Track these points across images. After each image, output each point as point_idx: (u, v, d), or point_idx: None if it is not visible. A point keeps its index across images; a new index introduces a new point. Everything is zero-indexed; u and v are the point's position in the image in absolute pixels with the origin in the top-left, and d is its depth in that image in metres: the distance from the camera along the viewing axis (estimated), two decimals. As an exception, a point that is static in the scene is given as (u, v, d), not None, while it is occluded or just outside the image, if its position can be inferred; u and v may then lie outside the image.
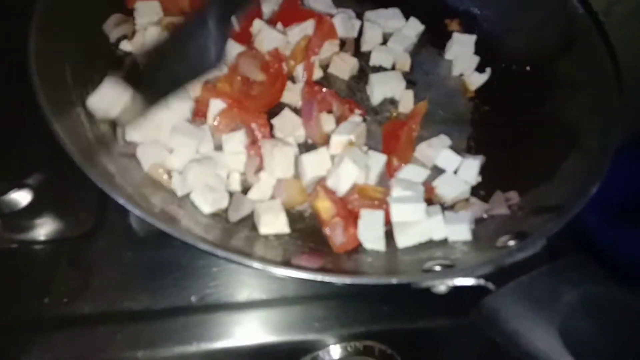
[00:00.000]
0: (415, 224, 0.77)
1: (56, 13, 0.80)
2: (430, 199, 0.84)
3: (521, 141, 0.95)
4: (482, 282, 0.60)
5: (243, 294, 0.83)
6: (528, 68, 1.03)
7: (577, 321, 0.52)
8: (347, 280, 0.59)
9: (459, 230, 0.77)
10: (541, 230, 0.67)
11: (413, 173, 0.85)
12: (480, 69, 1.05)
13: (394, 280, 0.59)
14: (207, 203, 0.79)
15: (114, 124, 0.83)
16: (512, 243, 0.68)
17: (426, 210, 0.78)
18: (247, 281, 0.84)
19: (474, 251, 0.73)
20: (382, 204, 0.79)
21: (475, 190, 0.89)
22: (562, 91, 0.97)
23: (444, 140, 0.92)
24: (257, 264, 0.60)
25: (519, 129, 0.97)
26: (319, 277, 0.59)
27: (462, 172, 0.88)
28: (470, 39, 1.06)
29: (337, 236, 0.77)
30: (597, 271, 0.57)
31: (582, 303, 0.53)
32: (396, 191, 0.80)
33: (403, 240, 0.78)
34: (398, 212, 0.78)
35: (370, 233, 0.76)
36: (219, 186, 0.81)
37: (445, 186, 0.85)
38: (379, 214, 0.77)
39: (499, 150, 0.95)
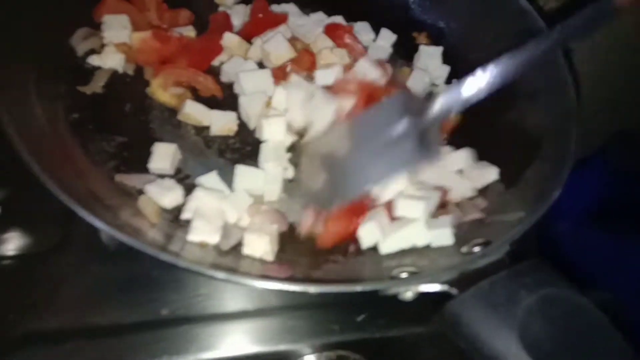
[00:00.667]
0: (398, 230, 0.78)
1: (15, 26, 0.79)
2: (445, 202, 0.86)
3: (487, 149, 0.97)
4: (445, 287, 0.61)
5: (215, 306, 0.83)
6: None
7: (535, 325, 0.54)
8: (311, 289, 0.60)
9: (441, 235, 0.77)
10: (504, 237, 0.69)
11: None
12: (447, 80, 1.08)
13: (358, 288, 0.60)
14: (196, 232, 0.76)
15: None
16: (476, 249, 0.70)
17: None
18: (219, 293, 0.83)
19: (440, 258, 0.74)
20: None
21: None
22: (522, 100, 0.99)
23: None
24: (220, 274, 0.60)
25: (485, 137, 1.00)
26: (284, 287, 0.60)
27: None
28: (437, 50, 1.09)
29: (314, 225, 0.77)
30: (554, 275, 0.59)
31: (539, 307, 0.55)
32: (408, 189, 0.82)
33: (386, 246, 0.79)
34: (402, 207, 0.80)
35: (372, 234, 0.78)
36: (216, 220, 0.78)
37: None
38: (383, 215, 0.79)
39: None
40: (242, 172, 0.83)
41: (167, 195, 0.79)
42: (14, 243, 0.85)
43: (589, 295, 0.57)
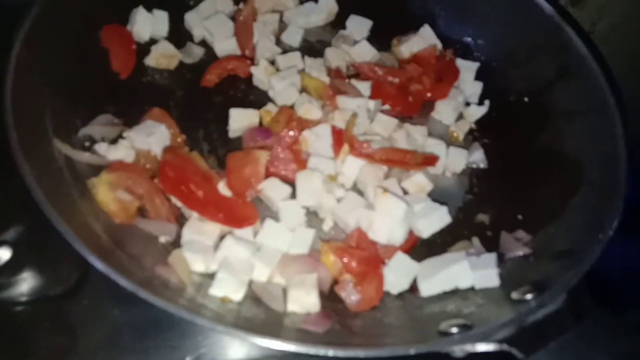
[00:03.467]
0: (440, 271, 0.74)
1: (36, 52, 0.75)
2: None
3: (524, 175, 0.93)
4: (505, 347, 0.56)
5: (239, 352, 0.77)
6: (526, 99, 1.01)
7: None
8: (360, 353, 0.55)
9: (486, 276, 0.73)
10: (560, 282, 0.63)
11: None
12: (479, 101, 1.03)
13: (412, 351, 0.54)
14: (221, 286, 0.70)
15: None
16: (529, 296, 0.64)
17: (451, 257, 0.76)
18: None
19: (488, 304, 0.69)
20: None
21: (481, 231, 0.86)
22: (560, 121, 0.94)
23: None
24: (244, 335, 0.55)
25: (520, 161, 0.95)
26: (321, 351, 0.55)
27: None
28: (472, 66, 1.04)
29: (348, 294, 0.72)
30: (621, 330, 0.54)
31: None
32: (416, 205, 0.79)
33: (427, 288, 0.74)
34: (426, 227, 0.78)
35: (398, 278, 0.74)
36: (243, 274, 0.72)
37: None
38: (406, 258, 0.75)
39: (501, 186, 0.93)
40: (269, 227, 0.77)
41: (201, 259, 0.73)
42: (27, 286, 0.80)
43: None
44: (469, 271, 0.73)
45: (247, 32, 1.01)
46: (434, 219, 0.81)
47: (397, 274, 0.75)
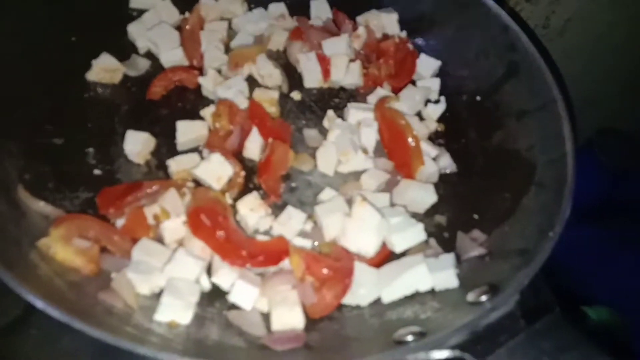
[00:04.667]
0: (400, 276, 0.73)
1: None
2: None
3: (478, 175, 0.93)
4: (457, 353, 0.55)
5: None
6: (478, 98, 1.02)
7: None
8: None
9: (445, 278, 0.73)
10: (512, 283, 0.63)
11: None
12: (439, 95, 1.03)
13: (365, 364, 0.53)
14: (168, 312, 0.66)
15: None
16: (484, 298, 0.64)
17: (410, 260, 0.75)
18: None
19: (444, 307, 0.68)
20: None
21: (439, 232, 0.86)
22: (510, 120, 0.95)
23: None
24: None
25: (475, 161, 0.95)
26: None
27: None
28: (433, 63, 1.05)
29: (306, 295, 0.70)
30: (575, 335, 0.54)
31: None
32: (393, 218, 0.78)
33: (388, 294, 0.73)
34: (400, 241, 0.77)
35: (369, 290, 0.73)
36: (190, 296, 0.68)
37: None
38: (367, 268, 0.73)
39: (457, 186, 0.93)
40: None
41: (147, 281, 0.69)
42: (-35, 322, 0.75)
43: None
44: (428, 274, 0.72)
45: (194, 42, 0.99)
46: (409, 235, 0.79)
47: (367, 286, 0.73)
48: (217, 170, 0.79)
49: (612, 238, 1.30)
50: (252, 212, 0.79)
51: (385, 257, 0.79)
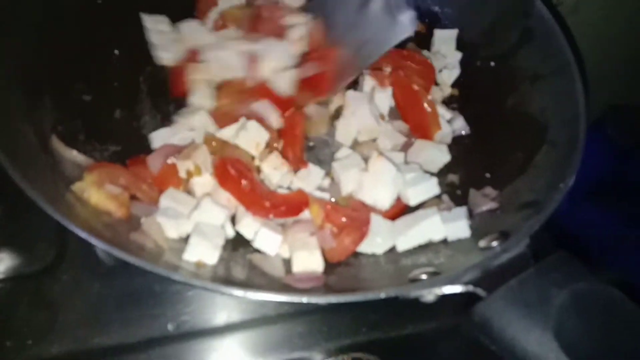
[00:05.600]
0: (414, 226, 0.76)
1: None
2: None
3: (491, 137, 0.95)
4: (470, 288, 0.58)
5: (221, 318, 0.79)
6: (492, 63, 1.03)
7: (570, 323, 0.51)
8: (332, 299, 0.57)
9: (457, 228, 0.76)
10: (523, 229, 0.66)
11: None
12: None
13: (382, 295, 0.57)
14: (196, 252, 0.70)
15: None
16: (495, 244, 0.67)
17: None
18: (223, 303, 0.80)
19: (457, 254, 0.71)
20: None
21: (451, 190, 0.88)
22: (524, 84, 0.96)
23: None
24: (237, 292, 0.56)
25: (488, 124, 0.97)
26: (304, 299, 0.57)
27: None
28: (452, 34, 1.06)
29: (325, 240, 0.74)
30: (582, 268, 0.57)
31: (572, 303, 0.52)
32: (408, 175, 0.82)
33: (403, 243, 0.76)
34: (414, 195, 0.80)
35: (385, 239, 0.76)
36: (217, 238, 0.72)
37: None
38: (381, 219, 0.77)
39: (470, 147, 0.95)
40: None
41: (175, 225, 0.73)
42: (4, 265, 0.80)
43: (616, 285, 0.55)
44: (441, 224, 0.75)
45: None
46: (423, 188, 0.82)
47: (383, 235, 0.77)
48: (255, 137, 0.82)
49: (621, 216, 1.31)
50: (275, 170, 0.82)
51: (400, 210, 0.82)
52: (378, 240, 0.75)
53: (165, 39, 0.95)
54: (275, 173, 0.82)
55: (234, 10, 1.00)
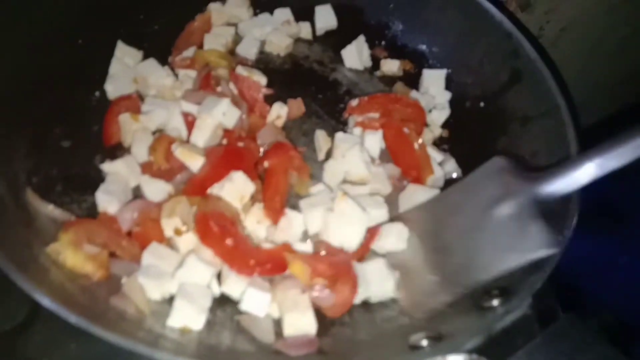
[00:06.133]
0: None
1: None
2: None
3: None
4: (475, 357, 0.56)
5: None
6: (482, 104, 1.03)
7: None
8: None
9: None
10: (524, 287, 0.64)
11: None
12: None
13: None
14: (181, 317, 0.66)
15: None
16: (496, 302, 0.64)
17: None
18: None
19: (457, 314, 0.68)
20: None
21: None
22: (514, 125, 0.96)
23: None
24: None
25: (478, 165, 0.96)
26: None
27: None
28: (440, 74, 1.05)
29: (323, 299, 0.71)
30: (590, 335, 0.55)
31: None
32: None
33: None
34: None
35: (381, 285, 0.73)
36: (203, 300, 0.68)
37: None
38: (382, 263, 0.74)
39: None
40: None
41: (158, 286, 0.69)
42: (-30, 324, 0.74)
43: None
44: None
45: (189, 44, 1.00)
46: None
47: (378, 282, 0.74)
48: (239, 189, 0.78)
49: (611, 243, 1.30)
50: (258, 224, 0.79)
51: (367, 250, 0.80)
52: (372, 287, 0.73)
53: (120, 72, 0.92)
54: (259, 227, 0.79)
55: (211, 53, 0.97)
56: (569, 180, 0.66)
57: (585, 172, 0.65)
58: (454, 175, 0.95)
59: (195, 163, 0.81)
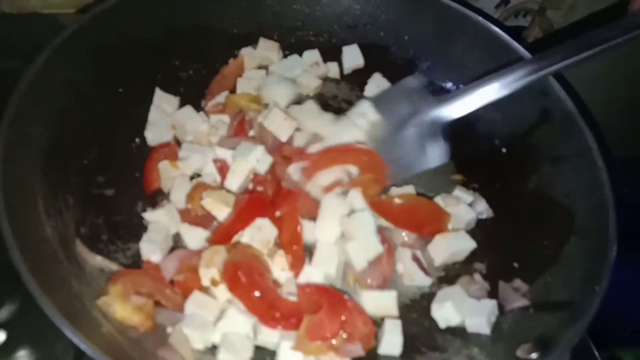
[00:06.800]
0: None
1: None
2: None
3: (516, 222, 0.93)
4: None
5: None
6: (511, 143, 1.03)
7: None
8: None
9: (478, 324, 0.77)
10: (562, 341, 0.64)
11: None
12: (464, 146, 1.04)
13: None
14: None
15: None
16: (534, 355, 0.65)
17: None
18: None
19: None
20: None
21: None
22: (545, 165, 0.95)
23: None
24: None
25: (511, 208, 0.96)
26: None
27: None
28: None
29: (351, 351, 0.72)
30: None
31: None
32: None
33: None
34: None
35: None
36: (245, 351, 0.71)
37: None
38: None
39: (494, 233, 0.93)
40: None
41: (201, 336, 0.71)
42: (22, 367, 0.77)
43: None
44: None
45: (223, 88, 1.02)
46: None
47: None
48: (266, 235, 0.80)
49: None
50: (282, 271, 0.80)
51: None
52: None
53: (159, 119, 0.96)
54: (283, 274, 0.80)
55: (241, 97, 1.00)
56: (464, 104, 0.86)
57: (477, 98, 0.85)
58: (484, 216, 0.95)
59: (222, 213, 0.83)
